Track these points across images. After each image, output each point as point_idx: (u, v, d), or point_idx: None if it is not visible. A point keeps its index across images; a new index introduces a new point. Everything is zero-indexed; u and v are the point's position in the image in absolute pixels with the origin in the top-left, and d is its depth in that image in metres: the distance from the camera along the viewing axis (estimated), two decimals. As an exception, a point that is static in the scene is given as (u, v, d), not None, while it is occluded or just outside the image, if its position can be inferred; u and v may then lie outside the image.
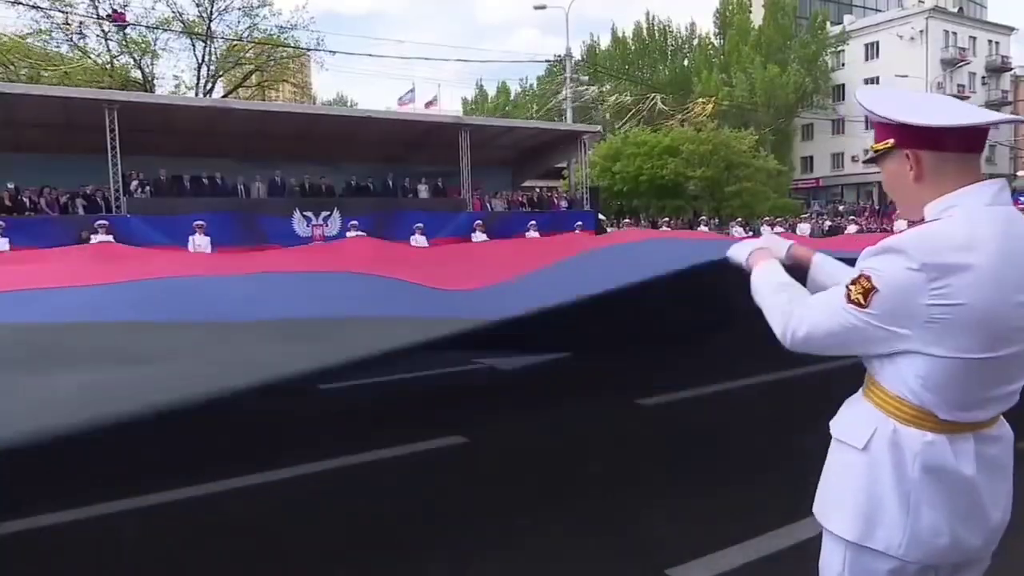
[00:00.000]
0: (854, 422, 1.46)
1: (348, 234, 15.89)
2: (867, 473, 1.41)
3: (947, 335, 1.29)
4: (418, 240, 16.22)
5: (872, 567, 1.41)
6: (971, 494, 1.37)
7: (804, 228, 25.21)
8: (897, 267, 1.30)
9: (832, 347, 1.42)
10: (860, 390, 1.50)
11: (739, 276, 1.75)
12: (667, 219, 28.00)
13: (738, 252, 1.79)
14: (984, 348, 1.29)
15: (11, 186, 14.46)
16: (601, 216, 25.07)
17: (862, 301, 1.33)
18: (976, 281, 1.26)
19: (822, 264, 1.72)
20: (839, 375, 1.93)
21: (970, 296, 1.26)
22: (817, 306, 1.44)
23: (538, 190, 23.18)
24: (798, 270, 1.69)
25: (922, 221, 1.38)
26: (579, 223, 19.02)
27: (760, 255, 1.72)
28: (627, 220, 31.28)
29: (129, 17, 25.49)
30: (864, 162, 1.65)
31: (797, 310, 1.46)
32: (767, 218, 27.91)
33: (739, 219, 27.97)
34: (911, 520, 1.36)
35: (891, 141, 1.41)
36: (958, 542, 1.38)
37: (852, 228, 26.38)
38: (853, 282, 1.36)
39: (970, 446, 1.37)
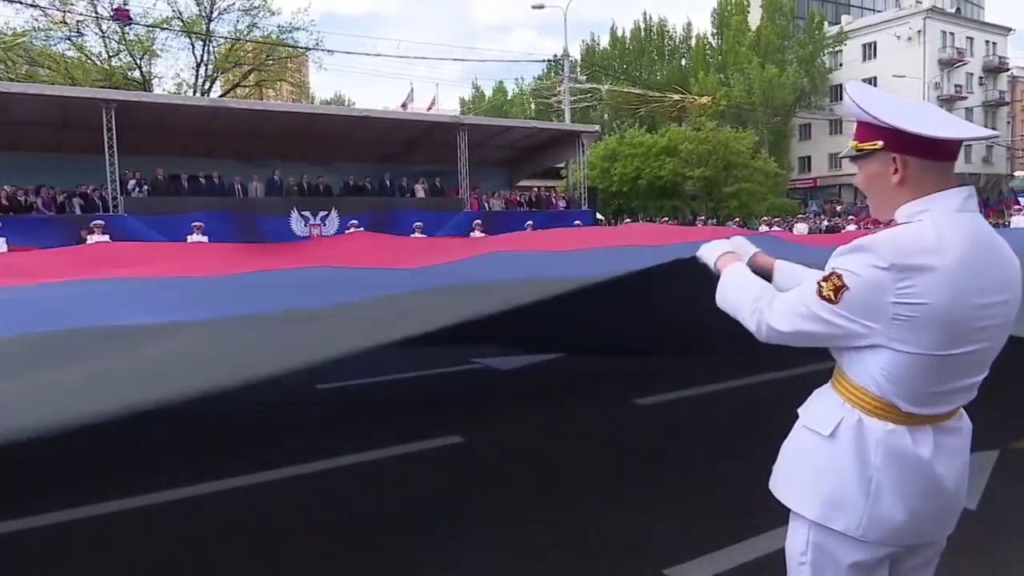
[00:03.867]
0: (822, 411, 1.53)
1: (347, 233, 15.91)
2: (832, 459, 1.48)
3: (911, 332, 1.36)
4: (417, 240, 16.23)
5: (833, 548, 1.48)
6: (928, 477, 1.44)
7: (801, 228, 25.16)
8: (867, 266, 1.37)
9: (803, 340, 1.49)
10: (829, 381, 1.57)
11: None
12: (665, 219, 28.00)
13: (707, 254, 1.86)
14: (945, 346, 1.37)
15: (7, 188, 14.39)
16: (599, 216, 25.09)
17: (833, 298, 1.40)
18: (939, 282, 1.33)
19: (784, 269, 1.82)
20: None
21: (933, 296, 1.33)
22: (790, 301, 1.50)
23: (536, 190, 23.19)
24: (761, 275, 1.76)
25: (892, 222, 1.46)
26: (577, 222, 19.02)
27: (728, 259, 1.80)
28: (627, 220, 31.28)
29: (129, 11, 25.40)
30: (841, 157, 1.70)
31: (770, 305, 1.53)
32: (765, 218, 27.92)
33: (737, 219, 27.98)
34: (871, 503, 1.44)
35: (880, 143, 1.45)
36: (916, 524, 1.46)
37: (851, 227, 26.36)
38: (825, 279, 1.43)
39: (929, 435, 1.45)
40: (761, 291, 1.59)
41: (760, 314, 1.53)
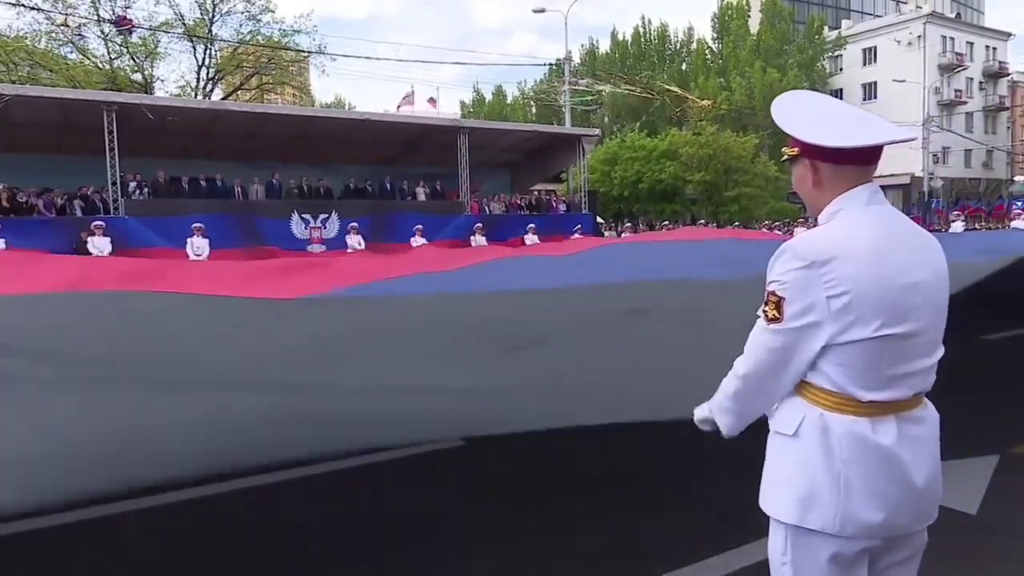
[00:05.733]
0: (786, 414, 1.58)
1: (347, 237, 15.92)
2: (800, 457, 1.52)
3: (850, 319, 1.44)
4: (418, 242, 16.23)
5: (812, 547, 1.51)
6: (895, 466, 1.48)
7: (801, 232, 25.18)
8: (790, 270, 1.47)
9: (774, 372, 1.54)
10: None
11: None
12: (665, 223, 28.04)
13: (703, 415, 1.79)
14: (885, 325, 1.44)
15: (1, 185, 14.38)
16: (599, 219, 25.10)
17: (778, 315, 1.49)
18: (856, 268, 1.43)
19: None
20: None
21: (855, 281, 1.43)
22: (747, 348, 1.59)
23: (536, 193, 23.18)
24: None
25: (816, 223, 1.58)
26: (578, 226, 19.03)
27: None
28: (627, 224, 31.33)
29: (132, 19, 25.40)
30: (781, 161, 1.79)
31: (736, 363, 1.61)
32: (766, 222, 27.95)
33: (737, 223, 28.02)
34: (843, 498, 1.47)
35: (796, 150, 1.59)
36: (889, 515, 1.48)
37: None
38: (765, 304, 1.52)
39: (892, 426, 1.49)
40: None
41: (733, 372, 1.62)
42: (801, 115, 1.57)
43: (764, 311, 1.52)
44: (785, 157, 1.64)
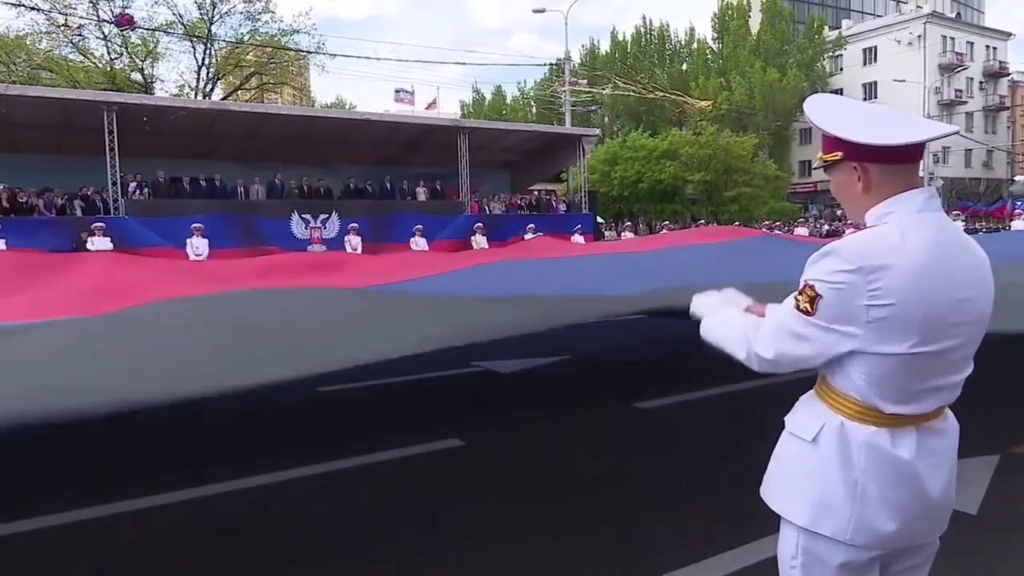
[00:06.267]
0: (805, 417, 1.55)
1: (347, 237, 15.91)
2: (817, 464, 1.49)
3: (887, 332, 1.38)
4: (418, 242, 16.25)
5: (823, 553, 1.49)
6: (912, 480, 1.45)
7: (802, 232, 25.21)
8: (835, 271, 1.39)
9: (791, 363, 1.50)
10: (813, 388, 1.59)
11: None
12: (666, 222, 28.06)
13: (699, 307, 1.84)
14: (921, 343, 1.39)
15: (1, 185, 14.38)
16: (600, 219, 25.11)
17: (809, 309, 1.43)
18: (906, 280, 1.36)
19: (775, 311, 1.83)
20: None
21: (902, 294, 1.36)
22: (771, 324, 1.53)
23: (536, 193, 23.18)
24: None
25: (864, 226, 1.50)
26: (578, 226, 19.03)
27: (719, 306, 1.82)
28: (627, 223, 31.35)
29: (132, 16, 25.39)
30: (814, 168, 1.75)
31: (756, 331, 1.55)
32: (766, 222, 27.96)
33: (737, 224, 28.03)
34: (857, 507, 1.44)
35: (839, 154, 1.50)
36: (902, 527, 1.46)
37: (850, 231, 26.26)
38: (800, 292, 1.46)
39: (911, 438, 1.45)
40: (747, 321, 1.61)
41: (748, 343, 1.55)
42: (843, 116, 1.50)
43: (797, 299, 1.46)
44: (821, 163, 1.55)
